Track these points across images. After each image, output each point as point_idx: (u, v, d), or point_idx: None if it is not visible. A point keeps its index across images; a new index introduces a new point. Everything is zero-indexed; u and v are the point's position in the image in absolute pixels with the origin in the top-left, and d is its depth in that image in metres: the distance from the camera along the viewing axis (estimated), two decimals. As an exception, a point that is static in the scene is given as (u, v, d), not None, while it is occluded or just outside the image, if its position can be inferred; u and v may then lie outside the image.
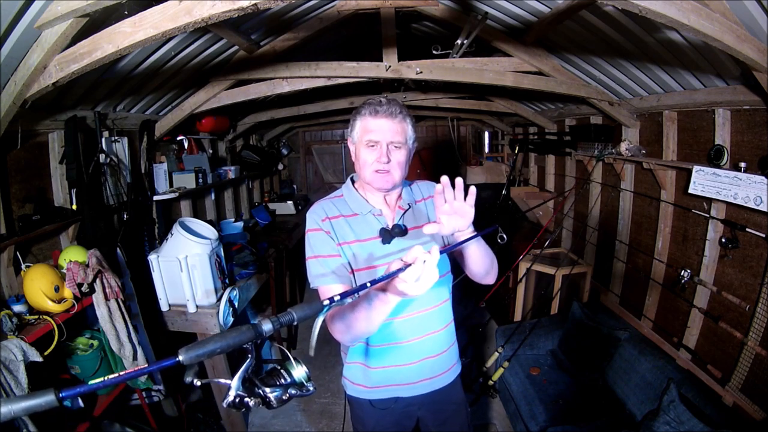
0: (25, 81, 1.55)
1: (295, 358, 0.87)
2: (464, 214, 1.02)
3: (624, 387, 2.29)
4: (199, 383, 0.78)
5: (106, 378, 0.55)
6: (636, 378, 2.23)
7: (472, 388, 2.72)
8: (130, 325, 2.01)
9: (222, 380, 0.81)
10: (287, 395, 0.84)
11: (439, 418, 1.41)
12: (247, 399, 0.79)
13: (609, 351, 2.42)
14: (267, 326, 0.67)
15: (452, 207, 1.01)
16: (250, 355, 0.78)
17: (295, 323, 0.71)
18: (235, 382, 0.77)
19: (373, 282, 0.79)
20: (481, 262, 1.21)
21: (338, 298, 0.74)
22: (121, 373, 0.56)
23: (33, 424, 1.46)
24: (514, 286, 3.33)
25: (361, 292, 0.78)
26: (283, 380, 0.85)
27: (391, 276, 0.81)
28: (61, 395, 0.51)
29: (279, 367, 0.88)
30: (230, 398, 0.77)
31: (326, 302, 0.73)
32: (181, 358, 0.61)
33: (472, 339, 3.36)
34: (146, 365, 0.56)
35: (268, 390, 0.81)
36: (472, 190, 1.01)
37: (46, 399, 0.51)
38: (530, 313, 3.28)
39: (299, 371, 0.86)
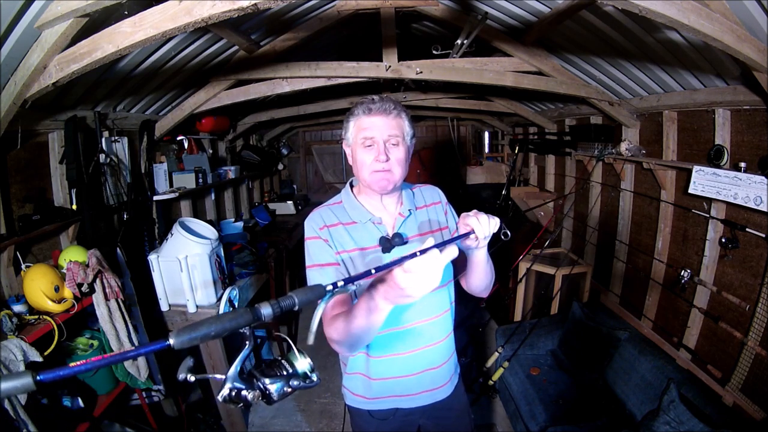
0: (25, 81, 1.55)
1: (299, 349, 0.80)
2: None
3: (624, 387, 2.28)
4: (193, 378, 0.71)
5: (88, 360, 0.51)
6: (636, 378, 2.23)
7: (472, 388, 2.72)
8: (130, 325, 2.01)
9: (218, 376, 0.73)
10: (289, 387, 0.77)
11: (441, 425, 1.39)
12: (244, 392, 0.72)
13: (609, 351, 2.41)
14: (266, 310, 0.62)
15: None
16: (248, 342, 0.71)
17: (296, 308, 0.66)
18: (231, 372, 0.71)
19: (378, 269, 0.76)
20: (483, 275, 1.19)
21: (341, 283, 0.72)
22: (106, 356, 0.52)
23: (33, 424, 1.46)
24: (514, 286, 3.33)
25: (364, 280, 0.75)
26: (284, 372, 0.78)
27: (399, 261, 0.76)
28: (39, 378, 0.48)
29: (280, 359, 0.81)
30: (225, 391, 0.71)
31: (329, 287, 0.70)
32: (171, 341, 0.56)
33: (472, 339, 3.35)
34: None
35: (267, 381, 0.74)
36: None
37: (22, 381, 0.48)
38: (530, 313, 3.28)
39: (303, 363, 0.79)
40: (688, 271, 2.31)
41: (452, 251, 0.78)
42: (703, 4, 1.35)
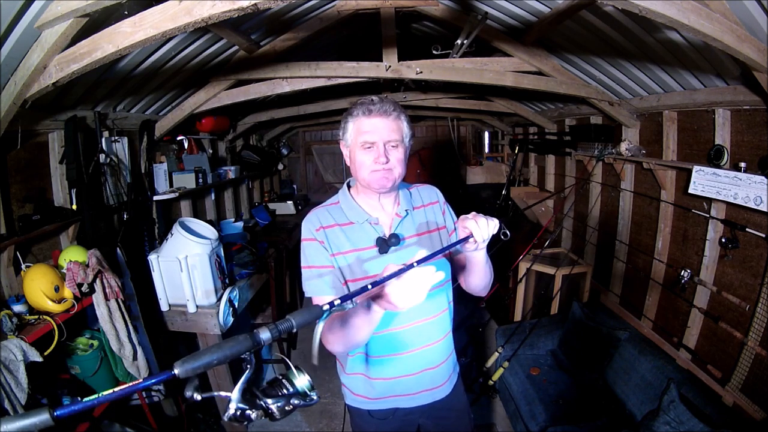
0: (25, 81, 1.55)
1: (296, 367, 0.85)
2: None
3: (624, 387, 2.29)
4: (200, 397, 0.76)
5: (100, 395, 0.55)
6: (636, 378, 2.23)
7: (472, 388, 2.72)
8: (130, 325, 2.01)
9: (223, 393, 0.78)
10: (290, 406, 0.81)
11: (441, 425, 1.39)
12: (248, 412, 0.77)
13: (609, 351, 2.41)
14: (265, 335, 0.65)
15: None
16: (249, 366, 0.76)
17: (294, 330, 0.70)
18: (235, 395, 0.75)
19: (374, 283, 0.78)
20: (482, 275, 1.20)
21: (338, 302, 0.74)
22: (116, 390, 0.56)
23: (33, 424, 1.46)
24: (514, 286, 3.33)
25: (358, 297, 0.77)
26: (285, 390, 0.83)
27: (397, 274, 0.79)
28: (56, 414, 0.51)
29: (281, 377, 0.86)
30: (231, 412, 0.75)
31: (326, 307, 0.73)
32: (176, 371, 0.59)
33: (472, 339, 3.35)
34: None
35: (270, 401, 0.79)
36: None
37: (40, 418, 0.51)
38: (530, 313, 3.28)
39: (302, 380, 0.84)
40: (688, 271, 2.31)
41: (441, 273, 0.82)
42: (703, 4, 1.35)
